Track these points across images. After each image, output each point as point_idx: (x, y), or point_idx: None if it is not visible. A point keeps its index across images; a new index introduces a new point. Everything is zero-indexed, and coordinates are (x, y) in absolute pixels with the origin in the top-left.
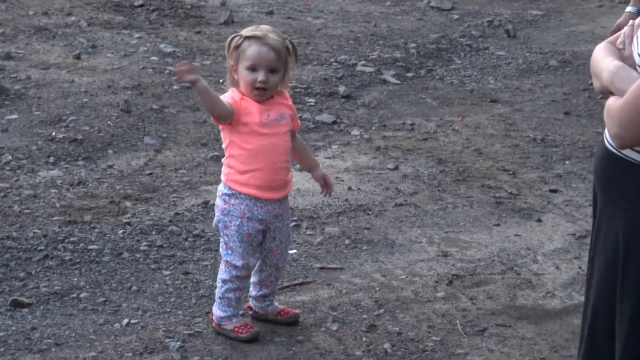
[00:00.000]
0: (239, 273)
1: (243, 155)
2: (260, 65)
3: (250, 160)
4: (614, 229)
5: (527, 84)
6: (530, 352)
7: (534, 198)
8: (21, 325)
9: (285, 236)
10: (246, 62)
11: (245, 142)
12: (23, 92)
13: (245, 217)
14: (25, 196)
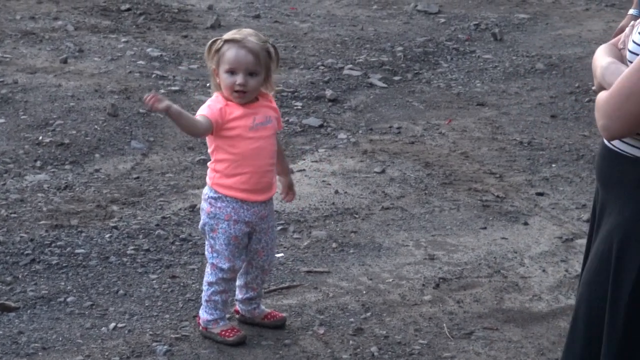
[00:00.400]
0: (225, 275)
1: (230, 159)
2: (239, 69)
3: (237, 164)
4: (611, 226)
5: (513, 88)
6: (517, 355)
7: (520, 201)
8: (8, 330)
9: (271, 238)
10: (225, 66)
11: (232, 147)
12: (10, 96)
13: (232, 220)
14: (12, 200)
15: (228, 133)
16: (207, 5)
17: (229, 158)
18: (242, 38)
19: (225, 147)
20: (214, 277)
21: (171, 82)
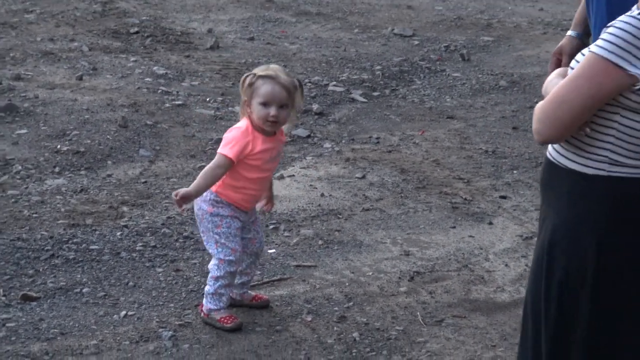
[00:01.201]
0: (232, 268)
1: (241, 180)
2: (273, 102)
3: (246, 184)
4: (545, 231)
5: (479, 102)
6: (483, 340)
7: (485, 203)
8: (30, 317)
9: (258, 226)
10: (260, 98)
11: (247, 172)
12: (31, 109)
13: (234, 216)
14: (34, 202)
15: (249, 162)
16: (207, 28)
17: (240, 178)
18: (276, 75)
19: (241, 170)
20: (221, 271)
21: (175, 97)
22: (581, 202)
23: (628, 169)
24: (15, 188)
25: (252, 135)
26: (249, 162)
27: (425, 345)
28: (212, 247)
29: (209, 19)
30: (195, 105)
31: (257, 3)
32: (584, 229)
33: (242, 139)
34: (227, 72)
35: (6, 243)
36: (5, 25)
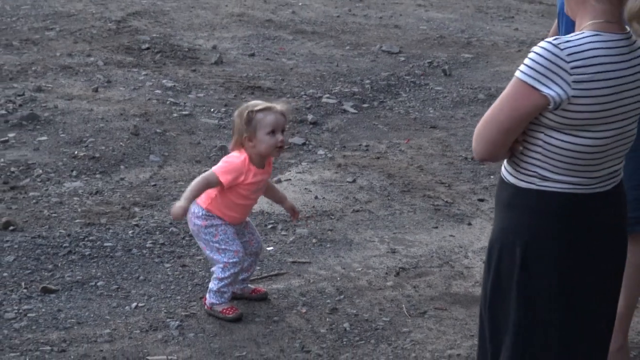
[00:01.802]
0: (236, 269)
1: (230, 204)
2: (278, 129)
3: (233, 207)
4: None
5: (460, 114)
6: (462, 330)
7: (465, 206)
8: (49, 308)
9: (252, 228)
10: (267, 128)
11: (236, 198)
12: (51, 118)
13: (226, 223)
14: (53, 203)
15: (238, 190)
16: (211, 45)
17: (228, 203)
18: (271, 106)
19: (230, 195)
20: (226, 273)
21: (182, 107)
22: (514, 211)
23: (556, 184)
24: (36, 190)
25: (247, 168)
26: (239, 190)
27: (409, 335)
28: (216, 255)
29: (214, 36)
30: (201, 115)
31: (258, 22)
32: (514, 235)
33: (239, 169)
34: (229, 85)
35: (28, 240)
36: (28, 42)
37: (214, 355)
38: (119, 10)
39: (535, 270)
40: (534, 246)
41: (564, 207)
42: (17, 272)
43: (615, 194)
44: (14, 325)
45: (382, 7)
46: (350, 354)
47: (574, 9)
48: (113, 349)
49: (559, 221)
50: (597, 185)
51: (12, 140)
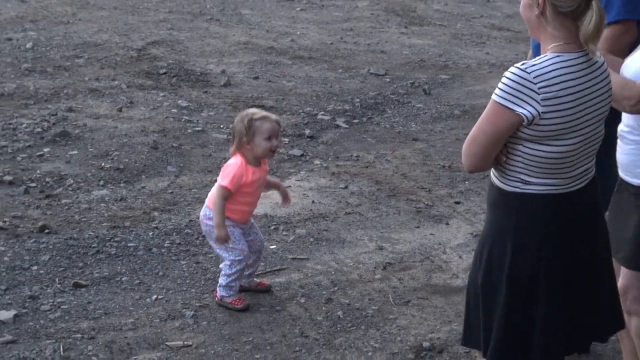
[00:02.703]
0: (241, 266)
1: (237, 204)
2: (274, 135)
3: (239, 206)
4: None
5: (438, 127)
6: (441, 317)
7: (443, 208)
8: (80, 300)
9: (256, 228)
10: (264, 135)
11: (242, 197)
12: (80, 135)
13: (234, 225)
14: (83, 208)
15: (243, 190)
16: (220, 70)
17: (236, 203)
18: (267, 115)
19: (237, 196)
20: (233, 269)
21: (195, 124)
22: (500, 211)
23: (537, 187)
24: (68, 197)
25: (245, 168)
26: (243, 189)
27: (395, 321)
28: (224, 252)
29: (223, 62)
30: (212, 131)
31: (261, 49)
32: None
33: (237, 172)
34: (237, 104)
35: (61, 241)
36: (60, 68)
37: (225, 340)
38: (139, 40)
39: (522, 260)
40: (521, 241)
41: (545, 206)
42: (51, 269)
43: (589, 189)
44: (49, 316)
45: (369, 35)
46: (344, 338)
47: (537, 35)
48: (136, 336)
49: (542, 218)
50: (572, 184)
51: (47, 154)
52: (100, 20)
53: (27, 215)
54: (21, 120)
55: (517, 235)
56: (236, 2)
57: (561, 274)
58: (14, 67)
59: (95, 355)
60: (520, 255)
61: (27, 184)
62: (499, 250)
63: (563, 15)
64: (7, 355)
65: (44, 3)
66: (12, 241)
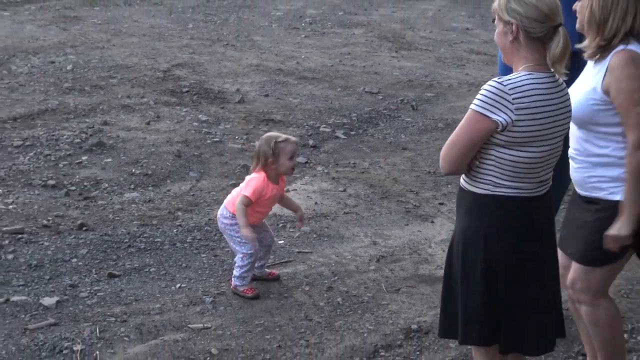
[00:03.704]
0: (252, 259)
1: (251, 212)
2: (294, 155)
3: (253, 215)
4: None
5: (424, 139)
6: (427, 303)
7: (429, 208)
8: (114, 288)
9: (267, 226)
10: (288, 155)
11: (257, 207)
12: (114, 145)
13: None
14: (116, 209)
15: (260, 201)
16: (235, 88)
17: (253, 210)
18: (288, 137)
19: (255, 206)
20: (245, 261)
21: (214, 135)
22: (474, 212)
23: (506, 189)
24: (103, 199)
25: (266, 184)
26: (261, 201)
27: (387, 307)
28: (237, 247)
29: (237, 81)
30: (228, 141)
31: (271, 71)
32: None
33: (260, 186)
34: (250, 118)
35: (97, 237)
36: (96, 87)
37: (239, 323)
38: (165, 63)
39: (494, 255)
40: (493, 238)
41: (512, 207)
42: (89, 261)
43: (545, 198)
44: (87, 302)
45: (365, 58)
46: (343, 321)
47: (510, 58)
48: (162, 319)
49: (510, 218)
50: (535, 190)
51: (85, 162)
52: (131, 45)
53: (67, 214)
54: (63, 132)
55: (489, 234)
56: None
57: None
58: (56, 87)
59: (127, 336)
60: (494, 251)
61: (67, 188)
62: (474, 249)
63: (534, 40)
64: (50, 336)
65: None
66: (54, 237)
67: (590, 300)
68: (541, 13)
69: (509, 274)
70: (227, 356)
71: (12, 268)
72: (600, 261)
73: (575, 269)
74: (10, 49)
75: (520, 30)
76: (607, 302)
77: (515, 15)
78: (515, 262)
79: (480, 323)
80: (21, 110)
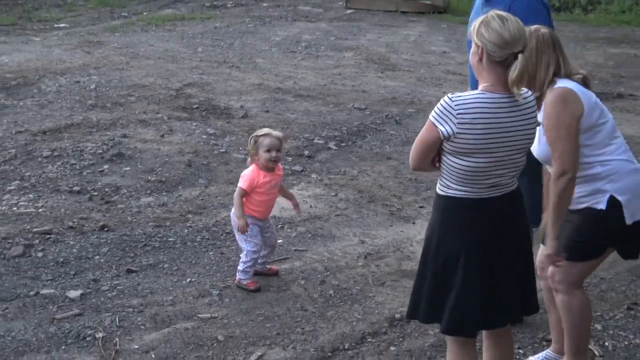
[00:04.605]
0: (255, 255)
1: (255, 202)
2: (273, 148)
3: (258, 204)
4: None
5: (407, 149)
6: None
7: (410, 211)
8: (131, 283)
9: (272, 228)
10: (265, 148)
11: (258, 197)
12: (132, 155)
13: (254, 223)
14: (134, 212)
15: (258, 190)
16: (239, 105)
17: (254, 201)
18: (269, 132)
19: (254, 196)
20: (248, 257)
21: (220, 147)
22: (434, 210)
23: (454, 191)
24: (122, 203)
25: (257, 173)
26: (258, 190)
27: (374, 298)
28: (244, 243)
29: (241, 99)
30: (233, 152)
31: (271, 89)
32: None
33: (251, 176)
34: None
35: (117, 237)
36: (117, 104)
37: (242, 313)
38: (177, 82)
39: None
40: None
41: (459, 207)
42: (109, 258)
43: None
44: (108, 294)
45: (354, 78)
46: (334, 311)
47: (478, 76)
48: (174, 310)
49: (458, 216)
50: (484, 193)
51: (106, 170)
52: (147, 67)
53: (90, 217)
54: (86, 144)
55: (441, 228)
56: (251, 53)
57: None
58: (81, 104)
59: (143, 324)
60: (442, 244)
61: (90, 193)
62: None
63: (495, 63)
64: (75, 325)
65: (104, 54)
66: (79, 237)
67: (566, 289)
68: (502, 40)
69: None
70: (232, 342)
71: (42, 265)
72: (581, 257)
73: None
74: (41, 70)
75: (484, 52)
76: (581, 292)
77: (482, 38)
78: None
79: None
80: (50, 124)
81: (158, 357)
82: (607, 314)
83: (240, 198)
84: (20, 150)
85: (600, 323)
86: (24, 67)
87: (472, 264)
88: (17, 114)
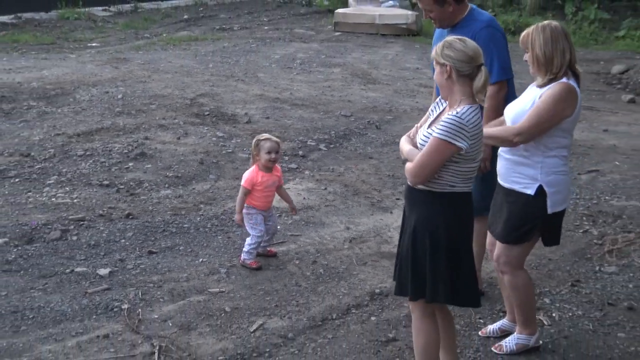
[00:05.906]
0: (259, 239)
1: (255, 197)
2: (273, 151)
3: (257, 199)
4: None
5: (385, 150)
6: (387, 273)
7: (389, 202)
8: (151, 262)
9: (274, 218)
10: (265, 150)
11: (258, 193)
12: (153, 154)
13: (257, 213)
14: (154, 202)
15: (257, 187)
16: (244, 112)
17: (255, 197)
18: (269, 137)
19: (255, 193)
20: (253, 241)
21: (228, 148)
22: (431, 205)
23: (460, 188)
24: (144, 195)
25: (257, 173)
26: (257, 187)
27: (357, 276)
28: (250, 230)
29: (245, 107)
30: (238, 152)
31: (271, 99)
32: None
33: (250, 175)
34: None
35: (140, 224)
36: (140, 111)
37: (246, 288)
38: (191, 93)
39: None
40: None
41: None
42: (133, 242)
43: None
44: (132, 272)
45: (341, 90)
46: (324, 287)
47: (446, 92)
48: (188, 285)
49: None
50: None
51: (131, 167)
52: (166, 80)
53: (117, 206)
54: (114, 145)
55: (448, 220)
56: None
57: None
58: (110, 111)
59: (162, 297)
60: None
61: (118, 186)
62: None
63: (464, 77)
64: (104, 298)
65: (129, 69)
66: (108, 223)
67: (510, 271)
68: (467, 56)
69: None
70: (237, 313)
71: (76, 247)
72: (516, 240)
73: (498, 247)
74: (75, 82)
75: (453, 70)
76: (524, 272)
77: (448, 58)
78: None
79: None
80: (83, 128)
81: (175, 325)
82: (554, 289)
83: (243, 196)
84: (58, 150)
85: (548, 297)
86: (61, 79)
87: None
88: (56, 119)
